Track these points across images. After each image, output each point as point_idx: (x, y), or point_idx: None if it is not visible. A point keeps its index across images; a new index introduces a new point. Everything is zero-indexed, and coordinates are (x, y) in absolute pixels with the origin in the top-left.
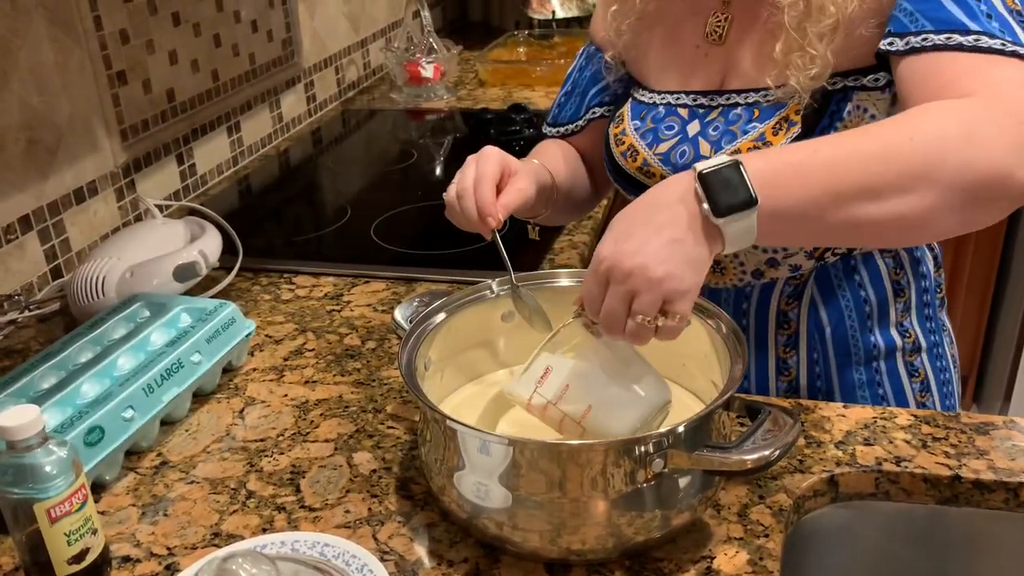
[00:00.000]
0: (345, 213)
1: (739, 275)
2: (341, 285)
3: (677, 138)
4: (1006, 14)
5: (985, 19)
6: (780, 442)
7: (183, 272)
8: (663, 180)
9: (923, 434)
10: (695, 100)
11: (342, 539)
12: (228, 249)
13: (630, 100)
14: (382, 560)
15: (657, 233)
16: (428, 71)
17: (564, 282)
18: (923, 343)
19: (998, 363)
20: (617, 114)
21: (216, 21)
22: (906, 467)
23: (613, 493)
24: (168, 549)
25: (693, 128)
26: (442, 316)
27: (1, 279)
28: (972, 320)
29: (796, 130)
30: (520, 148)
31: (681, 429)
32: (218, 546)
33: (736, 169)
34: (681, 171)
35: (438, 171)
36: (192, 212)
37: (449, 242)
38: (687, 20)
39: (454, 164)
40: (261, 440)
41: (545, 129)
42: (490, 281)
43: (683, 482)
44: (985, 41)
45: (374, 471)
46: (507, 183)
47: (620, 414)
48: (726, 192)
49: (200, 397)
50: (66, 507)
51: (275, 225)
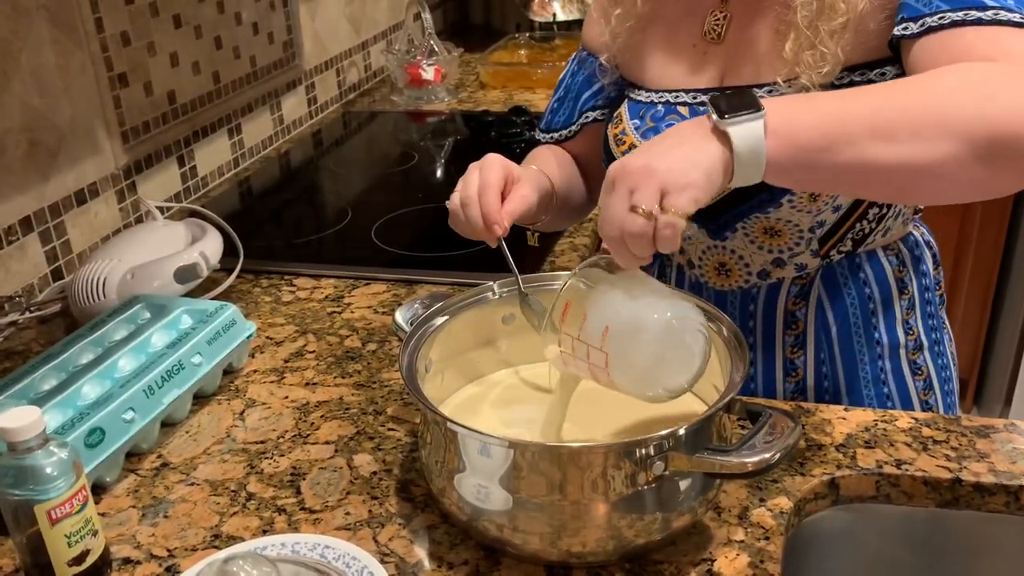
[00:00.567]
0: (346, 215)
1: (745, 276)
2: (342, 287)
3: None
4: None
5: None
6: (781, 445)
7: (184, 274)
8: None
9: (924, 437)
10: (695, 98)
11: (342, 541)
12: (229, 251)
13: (626, 100)
14: (382, 562)
15: (662, 142)
16: (429, 73)
17: None
18: (925, 341)
19: (999, 366)
20: (615, 115)
21: (217, 23)
22: (907, 470)
23: (613, 495)
24: (168, 551)
25: None
26: (443, 318)
27: (2, 280)
28: (973, 323)
29: None
30: (520, 150)
31: (682, 432)
32: (218, 548)
33: (748, 91)
34: None
35: (439, 173)
36: (193, 214)
37: (450, 244)
38: (683, 20)
39: (455, 166)
40: (261, 442)
41: (538, 135)
42: (491, 283)
43: (684, 485)
44: (1004, 15)
45: (374, 473)
46: (510, 190)
47: (638, 338)
48: (733, 99)
49: (201, 399)
50: (67, 509)
51: (276, 227)
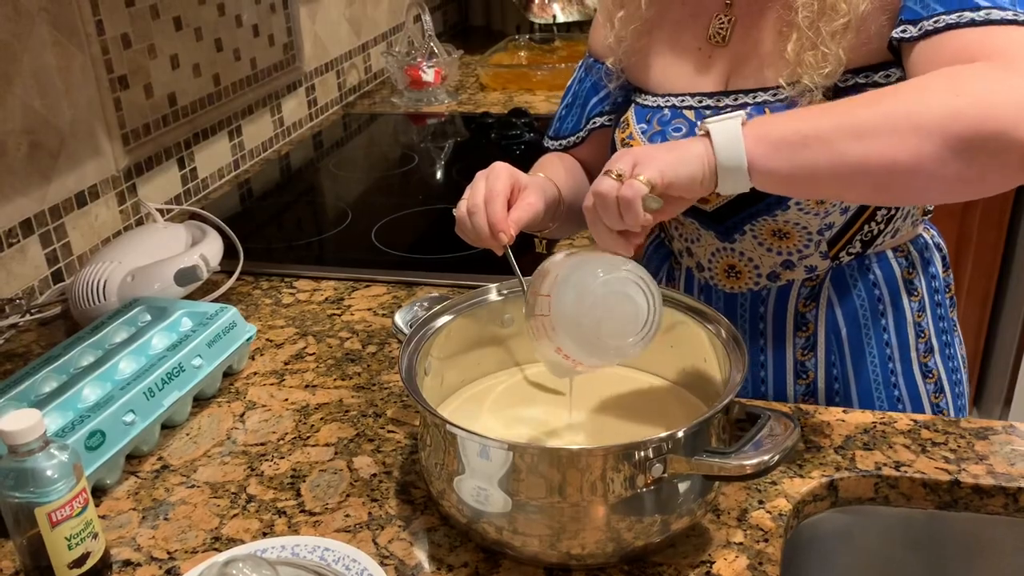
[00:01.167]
0: (346, 217)
1: (755, 278)
2: (342, 289)
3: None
4: None
5: None
6: (779, 447)
7: (184, 276)
8: None
9: (922, 439)
10: (700, 102)
11: (342, 543)
12: (229, 253)
13: (633, 105)
14: (382, 564)
15: (655, 147)
16: (429, 75)
17: None
18: (935, 343)
19: (998, 368)
20: (622, 119)
21: (218, 26)
22: (905, 472)
23: (613, 498)
24: (169, 553)
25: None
26: (442, 320)
27: (3, 283)
28: (973, 325)
29: None
30: (520, 152)
31: (681, 434)
32: (218, 550)
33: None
34: None
35: (439, 175)
36: (193, 216)
37: (450, 246)
38: (688, 23)
39: (455, 168)
40: (262, 444)
41: (546, 143)
42: (491, 286)
43: (683, 487)
44: (996, 14)
45: (374, 475)
46: (517, 198)
47: (572, 292)
48: (723, 113)
49: (201, 401)
50: (67, 511)
51: (276, 229)
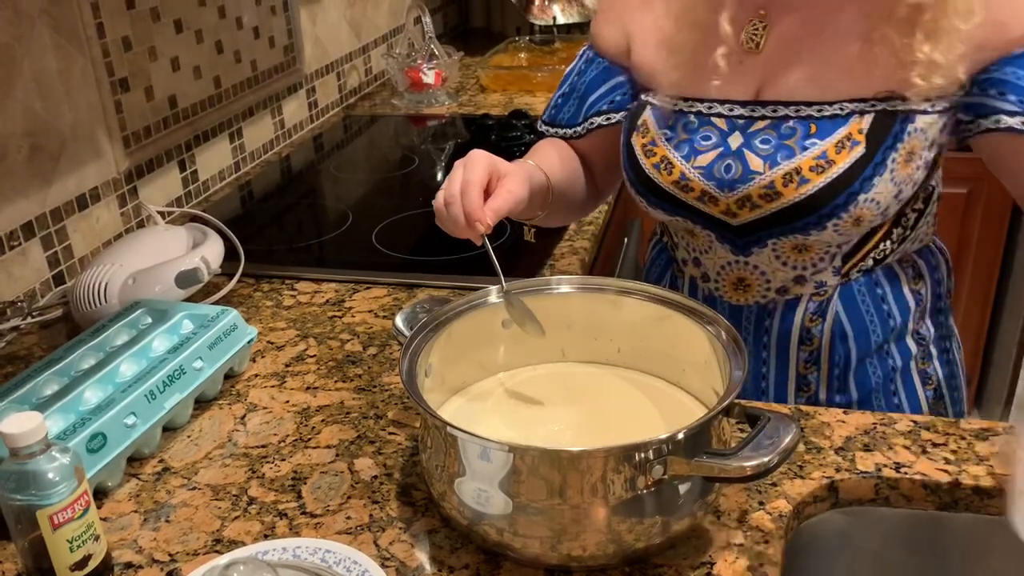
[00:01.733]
0: (347, 219)
1: (763, 292)
2: (343, 291)
3: (718, 150)
4: None
5: None
6: (779, 448)
7: (185, 278)
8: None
9: (923, 440)
10: (731, 110)
11: (343, 545)
12: (230, 255)
13: (649, 108)
14: (383, 566)
15: None
16: (429, 77)
17: (564, 288)
18: (934, 349)
19: (999, 369)
20: (639, 123)
21: (218, 28)
22: (906, 473)
23: (613, 499)
24: (170, 555)
25: (735, 140)
26: (443, 322)
27: (4, 285)
28: (973, 326)
29: (860, 150)
30: (521, 154)
31: (681, 436)
32: (220, 552)
33: None
34: (727, 186)
35: (439, 177)
36: (194, 218)
37: (450, 248)
38: (720, 26)
39: None
40: (263, 446)
41: (541, 127)
42: (491, 287)
43: (683, 488)
44: None
45: (375, 477)
46: (495, 187)
47: None
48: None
49: (202, 403)
50: (68, 513)
51: (277, 231)
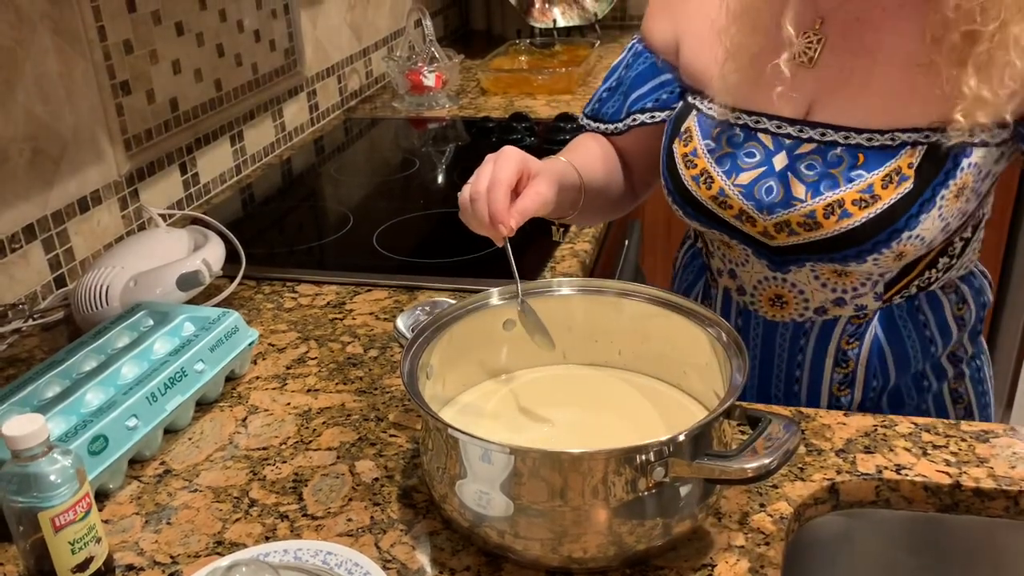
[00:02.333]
0: (347, 222)
1: (801, 310)
2: (343, 293)
3: (761, 169)
4: None
5: None
6: (780, 450)
7: (186, 281)
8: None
9: (923, 442)
10: (779, 127)
11: (345, 547)
12: (231, 258)
13: (695, 113)
14: (384, 568)
15: None
16: (430, 80)
17: (565, 290)
18: (966, 369)
19: (999, 370)
20: (683, 130)
21: (219, 31)
22: (906, 475)
23: (614, 501)
24: (171, 557)
25: (780, 161)
26: (444, 324)
27: (6, 288)
28: None
29: (908, 186)
30: None
31: (682, 438)
32: (221, 554)
33: None
34: (767, 208)
35: (440, 180)
36: (195, 221)
37: (451, 250)
38: (775, 36)
39: (456, 172)
40: (264, 448)
41: (583, 121)
42: (492, 290)
43: (684, 490)
44: None
45: (376, 479)
46: (525, 186)
47: None
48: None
49: (203, 406)
50: (70, 516)
51: (278, 234)
